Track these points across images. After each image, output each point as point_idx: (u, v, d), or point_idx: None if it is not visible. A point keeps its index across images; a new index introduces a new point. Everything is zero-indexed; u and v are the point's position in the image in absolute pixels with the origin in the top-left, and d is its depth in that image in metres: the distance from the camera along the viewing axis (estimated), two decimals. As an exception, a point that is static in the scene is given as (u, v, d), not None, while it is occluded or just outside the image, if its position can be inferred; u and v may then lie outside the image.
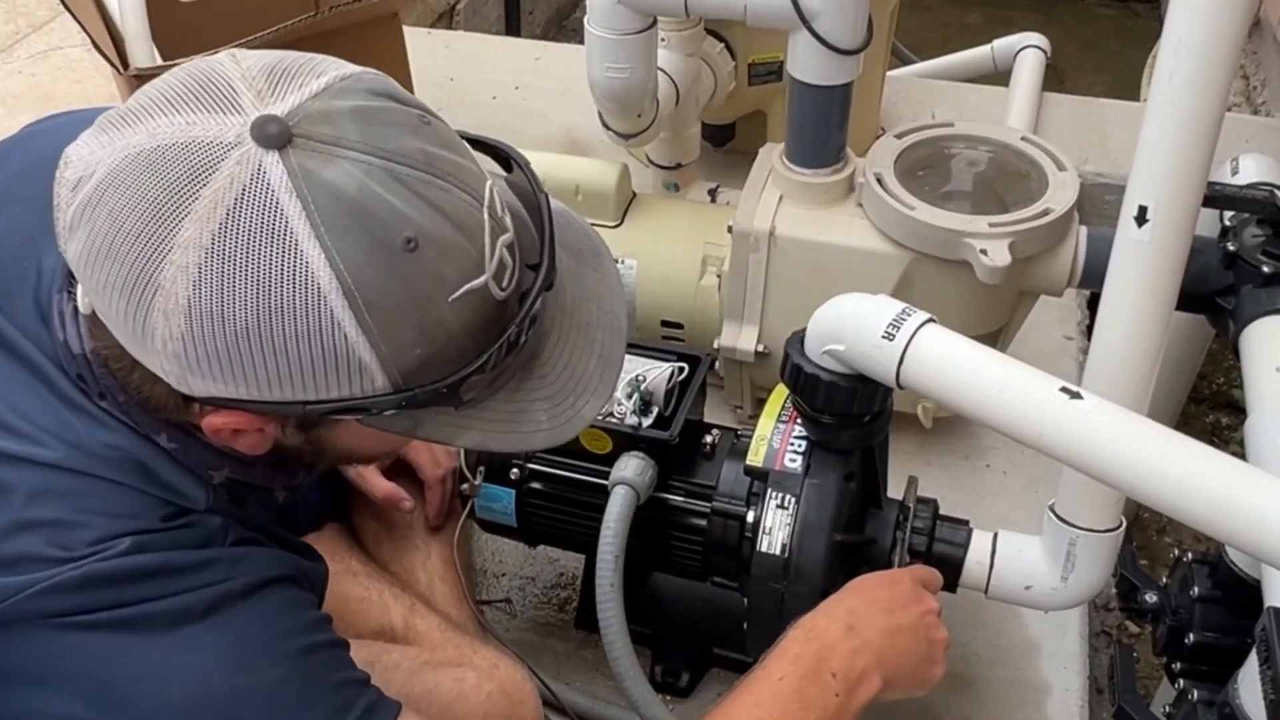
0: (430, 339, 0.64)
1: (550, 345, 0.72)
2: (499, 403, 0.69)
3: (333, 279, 0.60)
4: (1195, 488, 0.74)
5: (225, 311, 0.60)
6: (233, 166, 0.59)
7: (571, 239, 0.76)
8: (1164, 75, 0.78)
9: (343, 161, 0.61)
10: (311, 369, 0.63)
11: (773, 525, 0.98)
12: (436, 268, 0.63)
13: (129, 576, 0.67)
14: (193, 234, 0.59)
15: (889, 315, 0.87)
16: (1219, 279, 1.20)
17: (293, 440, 0.72)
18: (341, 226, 0.60)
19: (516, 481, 1.09)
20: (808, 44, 1.17)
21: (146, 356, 0.65)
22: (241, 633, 0.70)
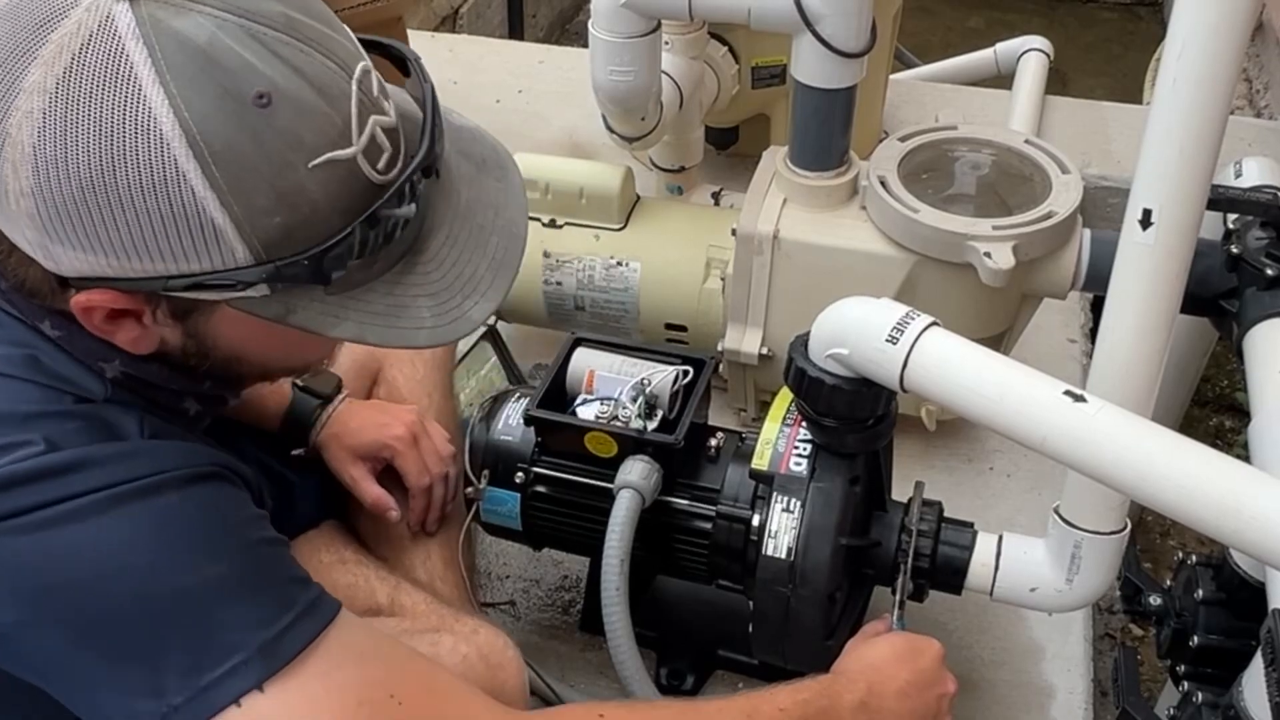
0: (291, 206, 0.62)
1: (437, 243, 0.70)
2: (378, 295, 0.68)
3: (175, 125, 0.59)
4: (1199, 491, 0.74)
5: (69, 160, 0.60)
6: (82, 13, 0.60)
7: (477, 150, 0.75)
8: (1167, 79, 0.78)
9: (195, 15, 0.60)
10: (164, 230, 0.61)
11: (778, 529, 0.98)
12: (293, 127, 0.62)
13: (49, 473, 0.65)
14: (37, 78, 0.59)
15: (893, 319, 0.87)
16: (1223, 282, 1.20)
17: (172, 334, 0.70)
18: (188, 75, 0.59)
19: (521, 485, 1.09)
20: (811, 47, 1.17)
21: (8, 223, 0.64)
22: (178, 525, 0.68)
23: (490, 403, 1.15)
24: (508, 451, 1.10)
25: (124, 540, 0.66)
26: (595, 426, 1.04)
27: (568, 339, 1.14)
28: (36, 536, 0.65)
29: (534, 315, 1.46)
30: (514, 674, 0.96)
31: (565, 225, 1.40)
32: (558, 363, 1.11)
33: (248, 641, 0.66)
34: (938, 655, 0.95)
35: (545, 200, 1.39)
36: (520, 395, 1.15)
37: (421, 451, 1.09)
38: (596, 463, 1.06)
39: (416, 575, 1.09)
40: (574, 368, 1.11)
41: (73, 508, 0.65)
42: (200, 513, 0.69)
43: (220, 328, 0.70)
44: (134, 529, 0.66)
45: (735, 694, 0.87)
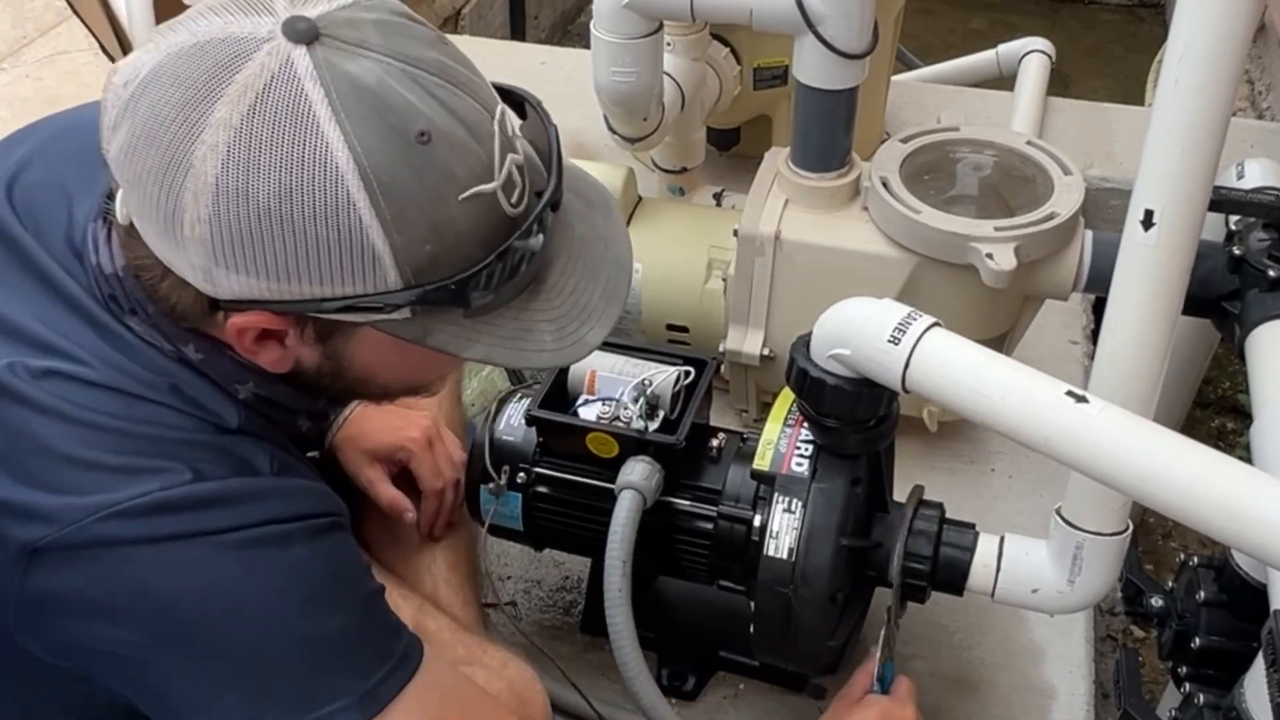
0: (440, 236, 0.67)
1: (557, 272, 0.75)
2: (506, 320, 0.72)
3: (350, 160, 0.64)
4: (1201, 491, 0.74)
5: (249, 189, 0.64)
6: (264, 57, 0.64)
7: (584, 189, 0.80)
8: (1169, 80, 0.78)
9: (364, 60, 0.65)
10: (329, 255, 0.66)
11: (780, 529, 0.98)
12: (448, 163, 0.66)
13: (194, 504, 0.71)
14: (223, 115, 0.64)
15: (894, 319, 0.87)
16: (1224, 283, 1.20)
17: (311, 355, 0.75)
18: (360, 114, 0.64)
19: (523, 485, 1.10)
20: (813, 48, 1.18)
21: (175, 251, 0.68)
22: (306, 574, 0.74)
23: (495, 403, 1.15)
24: (510, 452, 1.11)
25: (257, 584, 0.72)
26: (596, 427, 1.04)
27: None
28: (179, 564, 0.71)
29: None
30: (540, 708, 0.99)
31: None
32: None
33: (351, 689, 0.73)
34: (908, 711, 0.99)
35: (547, 201, 1.39)
36: (523, 396, 1.15)
37: (435, 455, 1.11)
38: (598, 463, 1.06)
39: (422, 580, 1.10)
40: (575, 368, 1.11)
41: (216, 543, 0.71)
42: (325, 566, 0.75)
43: (358, 349, 0.75)
44: (268, 575, 0.73)
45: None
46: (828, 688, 1.18)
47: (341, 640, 0.74)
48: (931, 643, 1.23)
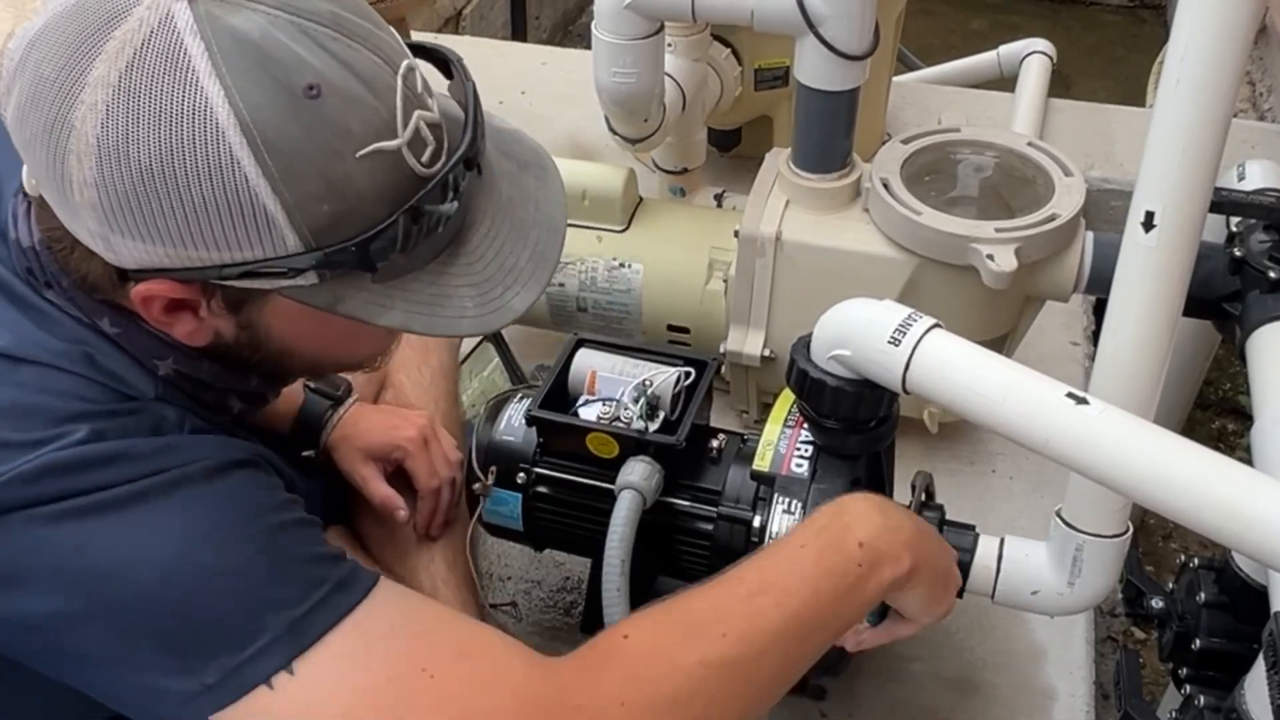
0: (338, 195, 0.65)
1: (479, 235, 0.73)
2: (423, 285, 0.71)
3: (230, 115, 0.62)
4: (1201, 493, 0.74)
5: (130, 149, 0.63)
6: (143, 11, 0.63)
7: (518, 150, 0.79)
8: (1170, 81, 0.78)
9: (248, 12, 0.64)
10: (219, 217, 0.64)
11: (779, 530, 0.98)
12: (341, 118, 0.64)
13: (88, 463, 0.68)
14: (101, 73, 0.63)
15: (895, 320, 0.87)
16: (1225, 284, 1.20)
17: (227, 326, 0.73)
18: (242, 68, 0.62)
19: (523, 485, 1.10)
20: (814, 49, 1.17)
21: (73, 218, 0.67)
22: (207, 513, 0.70)
23: (494, 403, 1.15)
24: (510, 452, 1.10)
25: (152, 528, 0.68)
26: (596, 427, 1.04)
27: (570, 339, 1.14)
28: (73, 524, 0.67)
29: (536, 317, 1.46)
30: None
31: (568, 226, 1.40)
32: (560, 363, 1.11)
33: (277, 621, 0.68)
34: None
35: (548, 201, 1.39)
36: (523, 396, 1.15)
37: (431, 455, 1.10)
38: (598, 464, 1.06)
39: (420, 580, 1.09)
40: (576, 369, 1.11)
41: (108, 497, 0.68)
42: (227, 499, 0.71)
43: (272, 319, 0.73)
44: (163, 517, 0.68)
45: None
46: (828, 688, 1.18)
47: (255, 571, 0.69)
48: (932, 644, 1.22)
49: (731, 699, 0.74)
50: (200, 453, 0.71)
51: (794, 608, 0.76)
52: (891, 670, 1.21)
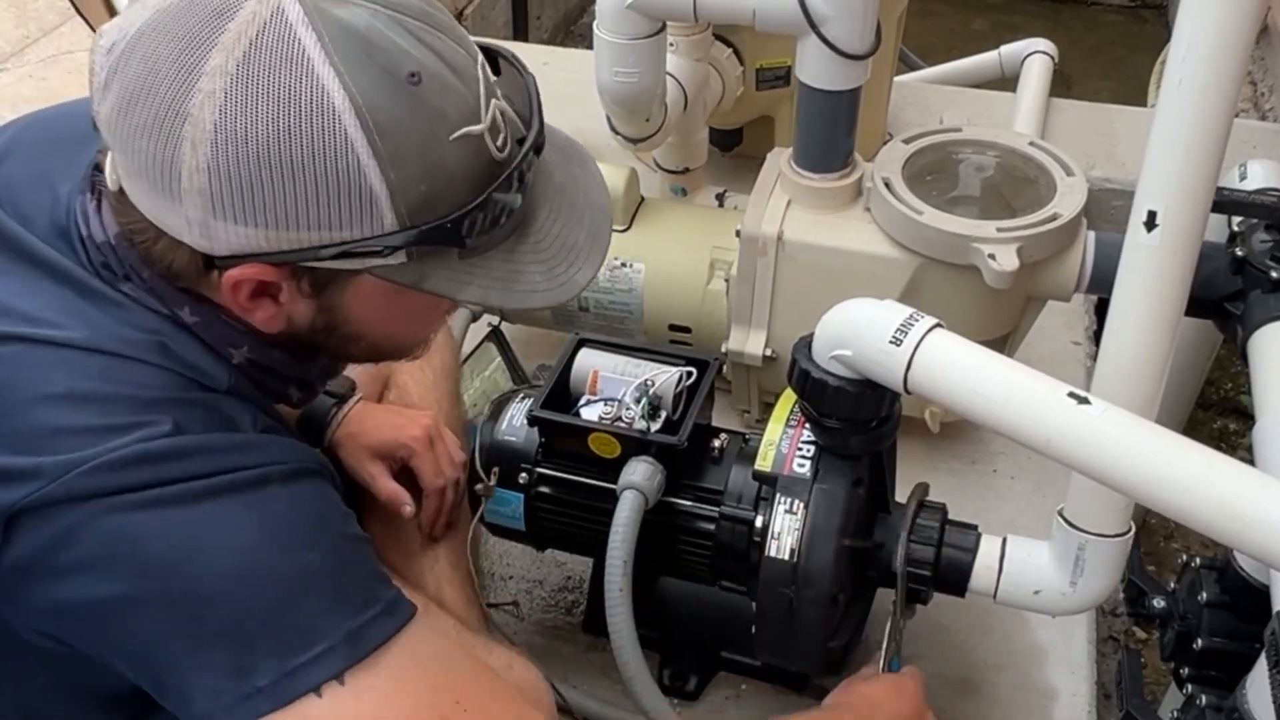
0: (433, 176, 0.69)
1: (542, 217, 0.78)
2: (497, 262, 0.75)
3: (346, 101, 0.66)
4: (1203, 493, 0.74)
5: (248, 132, 0.65)
6: (255, 5, 0.66)
7: (559, 141, 0.83)
8: (1173, 80, 0.78)
9: (352, 5, 0.68)
10: (328, 198, 0.67)
11: (781, 530, 0.98)
12: (439, 104, 0.69)
13: (176, 455, 0.71)
14: (219, 62, 0.65)
15: (896, 320, 0.87)
16: (1227, 284, 1.20)
17: (304, 311, 0.76)
18: (352, 57, 0.66)
19: (525, 485, 1.10)
20: (816, 49, 1.17)
21: (171, 207, 0.69)
22: (282, 515, 0.73)
23: (496, 403, 1.15)
24: (512, 452, 1.11)
25: (230, 525, 0.71)
26: (598, 427, 1.04)
27: (571, 339, 1.14)
28: (155, 513, 0.70)
29: (538, 316, 1.46)
30: (546, 709, 0.98)
31: (570, 226, 1.40)
32: (561, 363, 1.11)
33: (336, 630, 0.71)
34: (918, 691, 1.01)
35: (549, 201, 1.39)
36: (524, 396, 1.15)
37: (436, 454, 1.11)
38: (600, 464, 1.06)
39: (425, 581, 1.09)
40: (578, 368, 1.11)
41: (192, 489, 0.71)
42: (301, 506, 0.75)
43: (352, 302, 0.76)
44: (240, 515, 0.72)
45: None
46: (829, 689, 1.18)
47: (321, 579, 0.73)
48: (933, 643, 1.22)
49: None
50: (276, 454, 0.75)
51: None
52: (893, 670, 1.21)
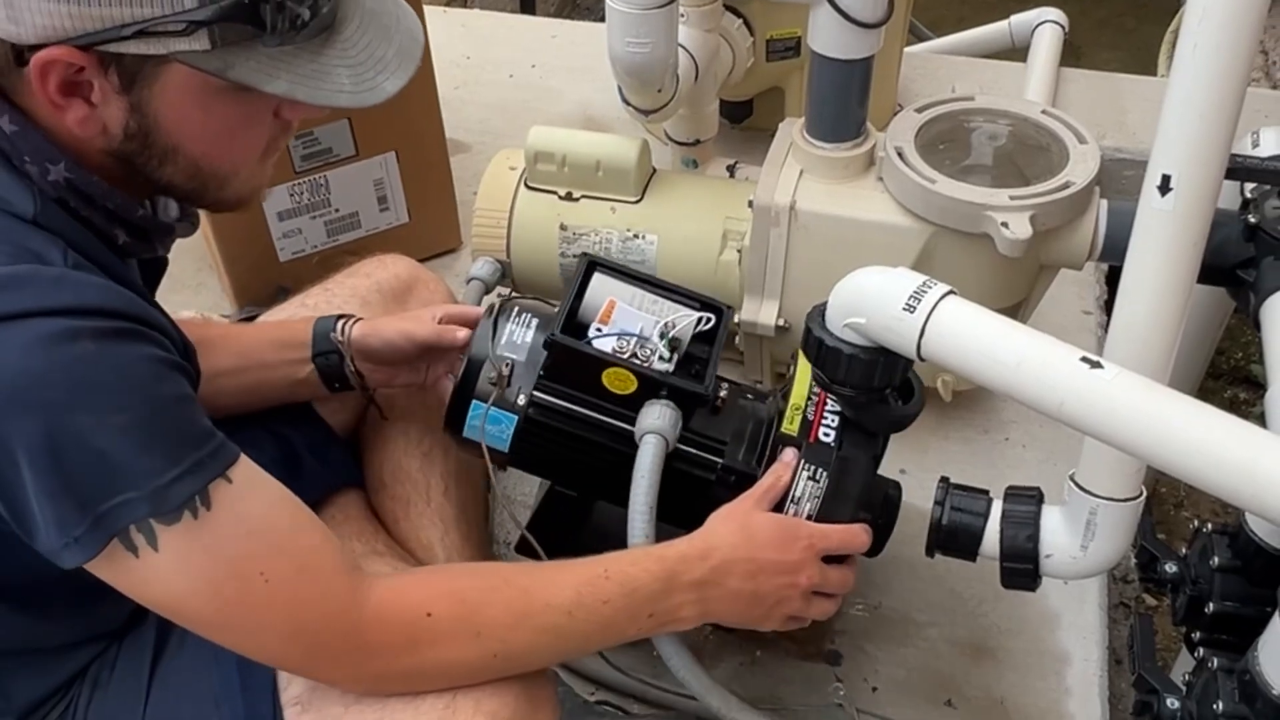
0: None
1: (350, 28, 0.80)
2: (304, 61, 0.76)
3: None
4: (1216, 455, 0.74)
5: None
6: None
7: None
8: (1188, 44, 0.78)
9: None
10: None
11: (802, 495, 0.99)
12: None
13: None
14: None
15: (910, 288, 0.88)
16: (1239, 251, 1.19)
17: (117, 114, 0.76)
18: None
19: (523, 408, 1.04)
20: (829, 17, 1.17)
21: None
22: (92, 375, 0.72)
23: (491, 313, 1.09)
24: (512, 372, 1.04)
25: (39, 374, 0.70)
26: (622, 363, 1.01)
27: (581, 260, 1.09)
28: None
29: (551, 288, 1.46)
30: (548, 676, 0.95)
31: (582, 198, 1.40)
32: (574, 286, 1.07)
33: (140, 484, 0.73)
34: (810, 545, 0.97)
35: (561, 173, 1.39)
36: (521, 310, 1.09)
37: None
38: (608, 398, 1.02)
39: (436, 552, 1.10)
40: (592, 294, 1.06)
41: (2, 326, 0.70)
42: (111, 366, 0.73)
43: (163, 100, 0.76)
44: (50, 366, 0.71)
45: (571, 568, 0.91)
46: (844, 654, 1.19)
47: (126, 433, 0.73)
48: (946, 610, 1.24)
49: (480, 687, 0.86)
50: (89, 295, 0.73)
51: (566, 647, 0.92)
52: (906, 635, 1.22)
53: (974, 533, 1.03)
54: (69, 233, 0.77)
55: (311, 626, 0.81)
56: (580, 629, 0.88)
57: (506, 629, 0.86)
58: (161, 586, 0.77)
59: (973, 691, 1.18)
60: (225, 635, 0.81)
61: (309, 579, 0.81)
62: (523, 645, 0.87)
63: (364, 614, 0.82)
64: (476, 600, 0.87)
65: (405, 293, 1.23)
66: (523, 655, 0.88)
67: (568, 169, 1.39)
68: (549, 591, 0.88)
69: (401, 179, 1.62)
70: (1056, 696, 1.18)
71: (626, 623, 0.91)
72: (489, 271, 1.44)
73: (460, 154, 1.91)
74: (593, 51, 1.63)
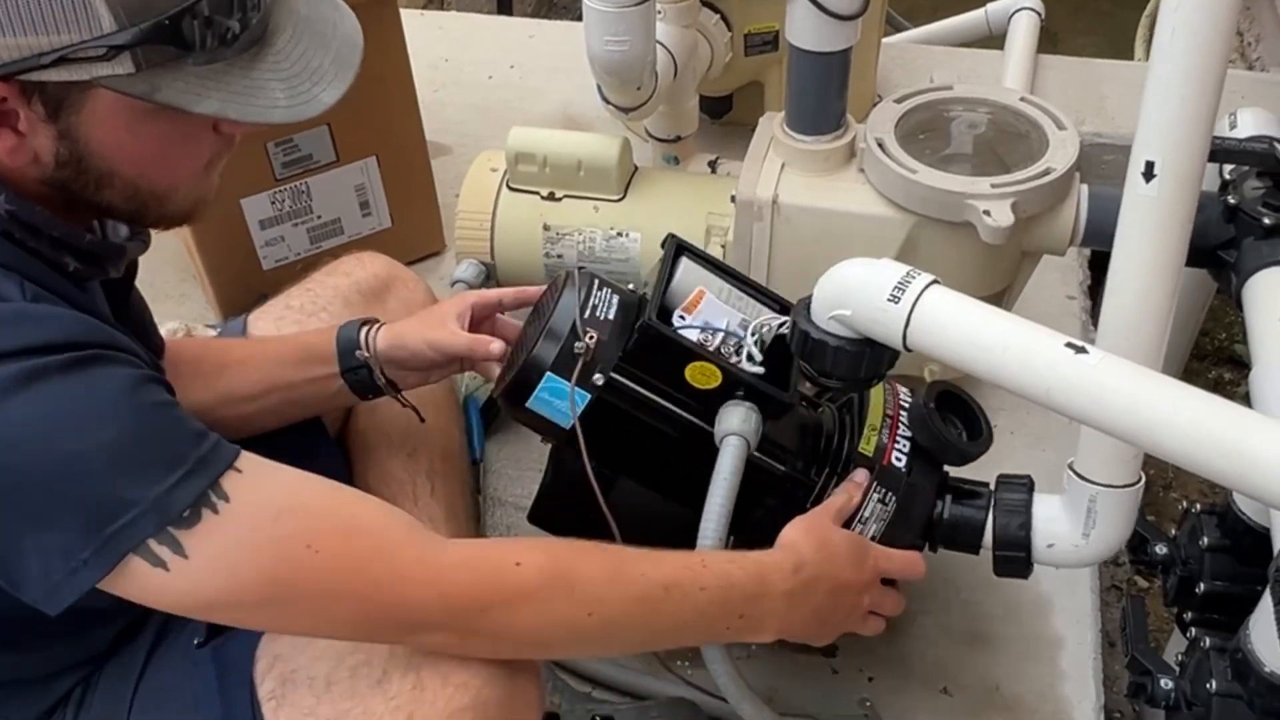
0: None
1: (283, 39, 0.77)
2: (235, 77, 0.74)
3: None
4: (1204, 436, 0.74)
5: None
6: None
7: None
8: (1166, 29, 0.79)
9: None
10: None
11: (870, 516, 1.01)
12: None
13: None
14: None
15: (894, 278, 0.88)
16: (1220, 233, 1.20)
17: (47, 142, 0.74)
18: None
19: (601, 387, 0.98)
20: (806, 10, 1.17)
21: None
22: (67, 405, 0.71)
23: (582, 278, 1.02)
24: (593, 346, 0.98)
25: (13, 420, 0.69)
26: (717, 360, 0.98)
27: (670, 243, 1.06)
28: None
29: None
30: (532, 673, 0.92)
31: (564, 198, 1.40)
32: (666, 269, 1.04)
33: (143, 497, 0.71)
34: (877, 569, 0.98)
35: (543, 173, 1.39)
36: (601, 284, 1.03)
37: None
38: (687, 391, 0.99)
39: None
40: (681, 281, 1.04)
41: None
42: (83, 393, 0.72)
43: (91, 125, 0.74)
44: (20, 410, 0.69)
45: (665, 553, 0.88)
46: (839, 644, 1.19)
47: (115, 451, 0.71)
48: (940, 598, 1.24)
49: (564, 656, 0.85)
50: (51, 329, 0.72)
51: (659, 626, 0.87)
52: (901, 624, 1.22)
53: (976, 526, 1.04)
54: (21, 265, 0.75)
55: (384, 582, 0.77)
56: (675, 610, 0.85)
57: (602, 587, 0.82)
58: (209, 590, 0.74)
59: (968, 679, 1.19)
60: (293, 619, 0.78)
61: (362, 538, 0.78)
62: (619, 612, 0.83)
63: (443, 561, 0.79)
64: (569, 556, 0.84)
65: (384, 291, 1.23)
66: (619, 625, 0.83)
67: (549, 169, 1.39)
68: (645, 563, 0.86)
69: (383, 183, 1.61)
70: (1051, 681, 1.19)
71: (719, 617, 0.88)
72: (473, 274, 1.45)
73: (442, 156, 1.91)
74: (571, 50, 1.63)
